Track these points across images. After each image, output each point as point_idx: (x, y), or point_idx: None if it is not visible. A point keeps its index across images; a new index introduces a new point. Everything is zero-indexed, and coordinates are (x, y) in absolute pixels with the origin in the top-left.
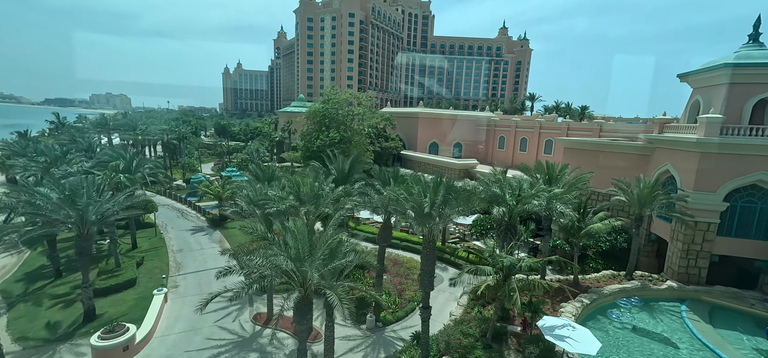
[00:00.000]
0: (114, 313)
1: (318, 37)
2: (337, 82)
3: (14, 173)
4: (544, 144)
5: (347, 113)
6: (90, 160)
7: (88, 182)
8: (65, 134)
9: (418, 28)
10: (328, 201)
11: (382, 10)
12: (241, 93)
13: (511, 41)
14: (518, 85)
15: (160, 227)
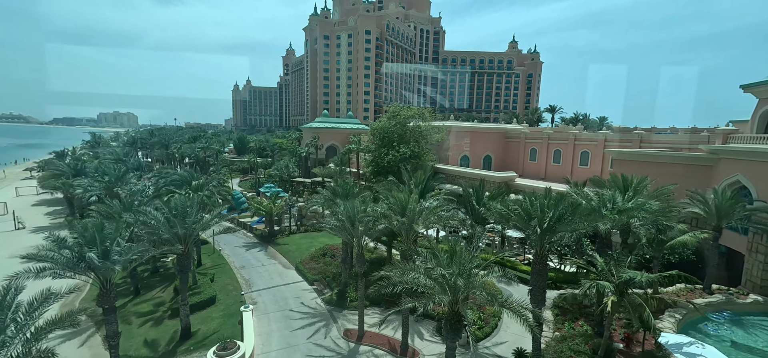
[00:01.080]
0: (206, 330)
1: (334, 54)
2: (353, 97)
3: (74, 193)
4: (580, 156)
5: (414, 128)
6: (150, 179)
7: (192, 201)
8: (110, 153)
9: (430, 43)
10: (430, 216)
11: (396, 26)
12: (250, 109)
13: (521, 54)
14: (530, 97)
15: (215, 244)
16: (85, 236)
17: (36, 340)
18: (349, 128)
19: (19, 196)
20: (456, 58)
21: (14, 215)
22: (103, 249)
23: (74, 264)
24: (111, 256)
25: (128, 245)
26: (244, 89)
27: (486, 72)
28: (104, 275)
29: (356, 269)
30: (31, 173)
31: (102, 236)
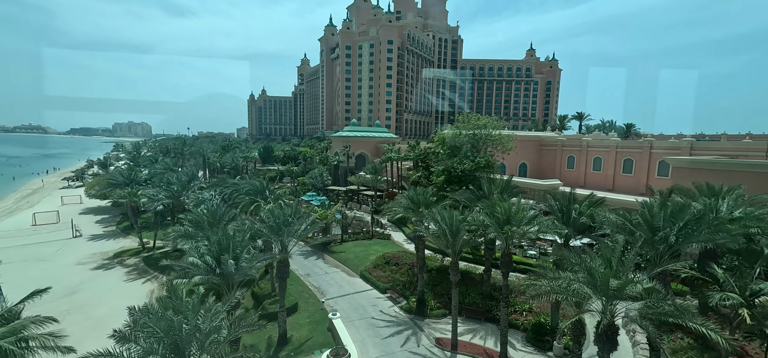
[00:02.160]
0: (299, 336)
1: (356, 64)
2: (375, 105)
3: (138, 201)
4: (623, 163)
5: (487, 137)
6: (215, 189)
7: (293, 210)
8: (160, 163)
9: (448, 52)
10: (532, 225)
11: (416, 36)
12: (265, 117)
13: (539, 62)
14: (549, 104)
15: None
16: (220, 245)
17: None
18: (379, 137)
19: (64, 204)
20: (474, 66)
21: (72, 224)
22: (234, 256)
23: (212, 270)
24: (240, 262)
25: (255, 252)
26: (260, 99)
27: (504, 80)
28: (232, 280)
29: (451, 278)
30: (68, 182)
31: (233, 244)
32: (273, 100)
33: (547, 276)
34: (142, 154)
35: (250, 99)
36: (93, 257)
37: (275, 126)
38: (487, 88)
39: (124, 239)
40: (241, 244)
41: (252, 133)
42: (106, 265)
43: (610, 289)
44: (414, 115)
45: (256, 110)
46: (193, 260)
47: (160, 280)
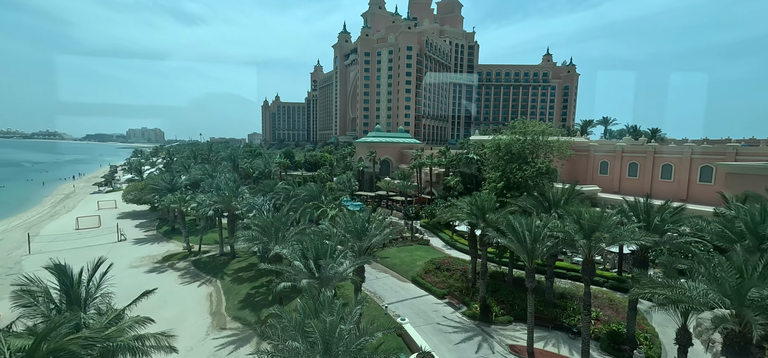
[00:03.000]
0: (371, 342)
1: (374, 70)
2: (393, 111)
3: (189, 207)
4: (661, 169)
5: (544, 143)
6: (263, 193)
7: (369, 217)
8: (198, 169)
9: (464, 58)
10: (614, 230)
11: (434, 42)
12: (278, 123)
13: (556, 67)
14: (567, 109)
15: None
16: (317, 250)
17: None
18: (403, 143)
19: (100, 209)
20: (491, 71)
21: (117, 228)
22: (330, 260)
23: (313, 274)
24: (337, 267)
25: (341, 258)
26: (274, 104)
27: (521, 85)
28: (329, 283)
29: (527, 285)
30: (99, 188)
31: (322, 250)
32: (286, 107)
33: (666, 285)
34: (174, 160)
35: (264, 105)
36: (143, 261)
37: (288, 132)
38: (504, 93)
39: (167, 243)
40: (328, 250)
41: (266, 139)
42: (157, 268)
43: (747, 297)
44: (431, 121)
45: (269, 116)
46: (298, 264)
47: (214, 283)
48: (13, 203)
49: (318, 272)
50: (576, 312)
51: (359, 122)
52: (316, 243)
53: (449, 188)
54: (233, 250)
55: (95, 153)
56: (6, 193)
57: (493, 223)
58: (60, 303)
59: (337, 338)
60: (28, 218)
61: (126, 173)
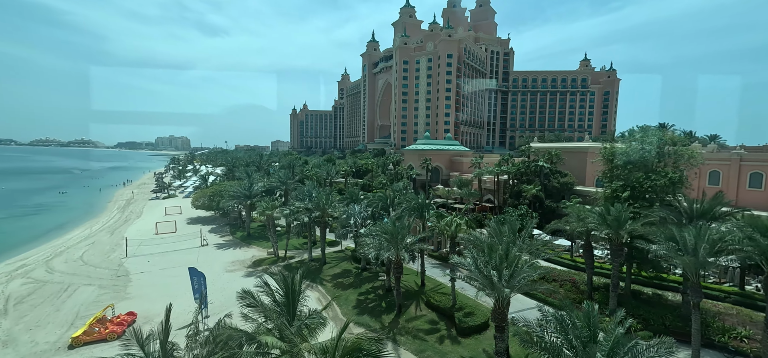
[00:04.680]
0: (515, 352)
1: (413, 79)
2: (433, 118)
3: (282, 215)
4: (749, 178)
5: (671, 153)
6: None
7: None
8: (274, 177)
9: (500, 64)
10: None
11: (472, 49)
12: (306, 131)
13: (595, 72)
14: (607, 115)
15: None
16: (494, 258)
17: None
18: (453, 150)
19: (167, 215)
20: (526, 77)
21: (201, 233)
22: (510, 271)
23: (491, 282)
24: (516, 277)
25: (528, 270)
26: (301, 112)
27: (558, 91)
28: (502, 294)
29: (691, 299)
30: (155, 194)
31: (509, 259)
32: (313, 114)
33: None
34: (236, 168)
35: (292, 113)
36: (234, 265)
37: (315, 139)
38: (540, 99)
39: (248, 248)
40: (514, 260)
41: (293, 146)
42: (251, 272)
43: None
44: (468, 127)
45: (297, 124)
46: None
47: (316, 288)
48: (83, 209)
49: (505, 282)
50: (728, 330)
51: (397, 130)
52: (499, 252)
53: (519, 195)
54: (324, 256)
55: (130, 160)
56: (71, 199)
57: (638, 233)
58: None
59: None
60: (106, 223)
61: (174, 180)
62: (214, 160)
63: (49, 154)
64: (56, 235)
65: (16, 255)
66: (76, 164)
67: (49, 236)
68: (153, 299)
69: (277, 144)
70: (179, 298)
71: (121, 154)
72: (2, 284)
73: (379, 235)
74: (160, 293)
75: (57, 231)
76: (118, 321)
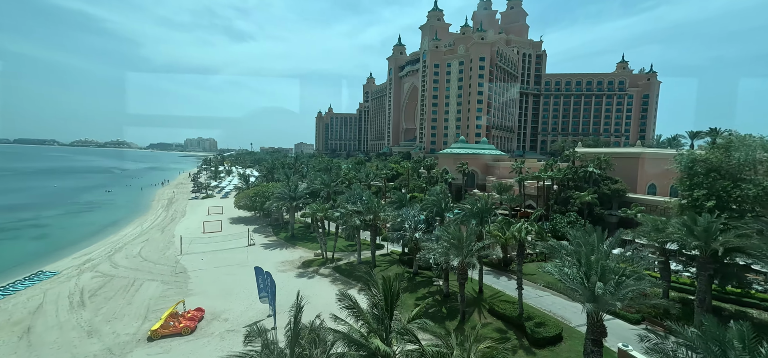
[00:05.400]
0: None
1: (443, 82)
2: (463, 121)
3: (332, 216)
4: None
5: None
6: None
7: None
8: (318, 180)
9: (532, 67)
10: None
11: (504, 52)
12: (331, 134)
13: (633, 75)
14: (646, 119)
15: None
16: (595, 268)
17: None
18: (488, 154)
19: (210, 215)
20: (560, 80)
21: (248, 234)
22: (615, 283)
23: (588, 294)
24: (622, 289)
25: (632, 280)
26: (327, 115)
27: (594, 94)
28: (606, 307)
29: None
30: (195, 194)
31: (613, 270)
32: (338, 117)
33: None
34: (275, 169)
35: (317, 116)
36: (284, 265)
37: (340, 142)
38: (574, 102)
39: (294, 248)
40: (616, 270)
41: (318, 148)
42: (304, 273)
43: None
44: (499, 131)
45: (323, 127)
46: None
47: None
48: (129, 207)
49: (610, 293)
50: None
51: (426, 133)
52: (601, 262)
53: (567, 202)
54: (374, 259)
55: (162, 161)
56: (117, 197)
57: (731, 246)
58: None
59: None
60: (154, 221)
61: (209, 180)
62: (242, 161)
63: (88, 155)
64: (111, 231)
65: (80, 250)
66: (115, 164)
67: (105, 232)
68: (213, 296)
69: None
70: (238, 296)
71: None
72: (74, 276)
73: (447, 240)
74: (220, 290)
75: (111, 228)
76: (190, 316)
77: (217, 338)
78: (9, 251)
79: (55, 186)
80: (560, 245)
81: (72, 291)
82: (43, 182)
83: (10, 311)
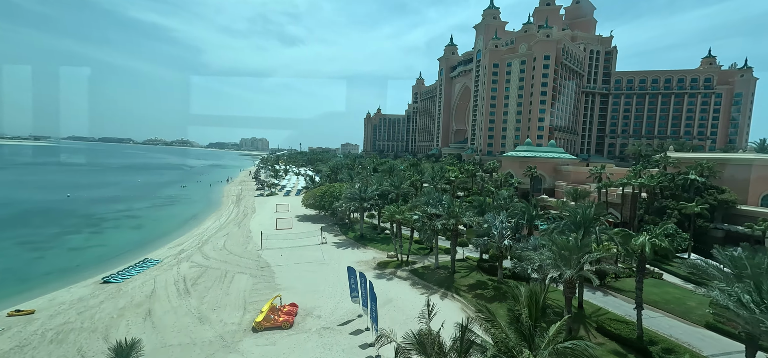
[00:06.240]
0: None
1: (502, 82)
2: (523, 123)
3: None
4: None
5: None
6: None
7: None
8: (387, 182)
9: (600, 65)
10: None
11: (570, 49)
12: (379, 135)
13: (722, 71)
14: (739, 120)
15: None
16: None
17: None
18: (558, 158)
19: (277, 212)
20: (632, 78)
21: (321, 233)
22: None
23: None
24: None
25: None
26: (375, 116)
27: (673, 93)
28: None
29: None
30: (260, 192)
31: None
32: (387, 119)
33: None
34: (338, 170)
35: (366, 117)
36: (360, 266)
37: (388, 143)
38: (649, 102)
39: (365, 248)
40: None
41: (366, 149)
42: (381, 275)
43: None
44: (562, 134)
45: (371, 128)
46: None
47: (454, 298)
48: (204, 202)
49: None
50: None
51: (483, 135)
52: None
53: (662, 212)
54: (454, 265)
55: (222, 159)
56: (191, 193)
57: None
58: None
59: None
60: (229, 216)
61: (269, 178)
62: (295, 161)
63: (159, 152)
64: (194, 224)
65: (173, 240)
66: (183, 161)
67: (188, 225)
68: (301, 292)
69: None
70: (324, 293)
71: (213, 154)
72: (175, 265)
73: (555, 250)
74: (305, 286)
75: (193, 221)
76: (287, 311)
77: (315, 335)
78: (115, 239)
79: (139, 181)
80: (707, 263)
81: (176, 279)
82: (128, 176)
83: (131, 294)
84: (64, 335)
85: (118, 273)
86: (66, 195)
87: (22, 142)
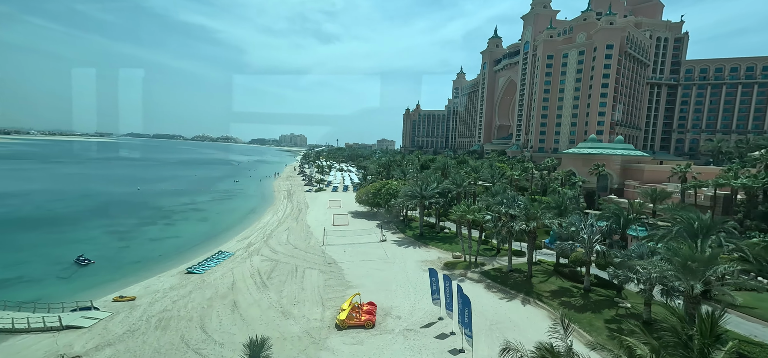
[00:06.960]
0: None
1: (557, 75)
2: (580, 117)
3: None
4: None
5: None
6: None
7: None
8: (448, 181)
9: (669, 53)
10: None
11: (635, 37)
12: (418, 130)
13: None
14: None
15: None
16: None
17: None
18: (626, 155)
19: (329, 208)
20: (707, 67)
21: (380, 230)
22: None
23: None
24: None
25: None
26: (414, 112)
27: (756, 82)
28: None
29: None
30: (309, 187)
31: None
32: (426, 114)
33: None
34: (393, 168)
35: (405, 113)
36: (423, 265)
37: (427, 138)
38: (726, 94)
39: (426, 248)
40: None
41: (405, 145)
42: (448, 276)
43: None
44: (623, 128)
45: (410, 123)
46: None
47: (536, 303)
48: (257, 196)
49: None
50: None
51: (535, 131)
52: None
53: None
54: (531, 268)
55: (265, 155)
56: (244, 187)
57: None
58: None
59: None
60: (285, 211)
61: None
62: (334, 157)
63: (207, 148)
64: (254, 218)
65: (238, 233)
66: (229, 157)
67: (249, 218)
68: (373, 290)
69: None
70: (397, 293)
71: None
72: (247, 258)
73: (677, 262)
74: (376, 285)
75: (252, 216)
76: (367, 310)
77: (400, 337)
78: (186, 231)
79: (196, 175)
80: None
81: (251, 272)
82: (186, 171)
83: (214, 285)
84: (166, 323)
85: (199, 264)
86: (136, 188)
87: (90, 138)
